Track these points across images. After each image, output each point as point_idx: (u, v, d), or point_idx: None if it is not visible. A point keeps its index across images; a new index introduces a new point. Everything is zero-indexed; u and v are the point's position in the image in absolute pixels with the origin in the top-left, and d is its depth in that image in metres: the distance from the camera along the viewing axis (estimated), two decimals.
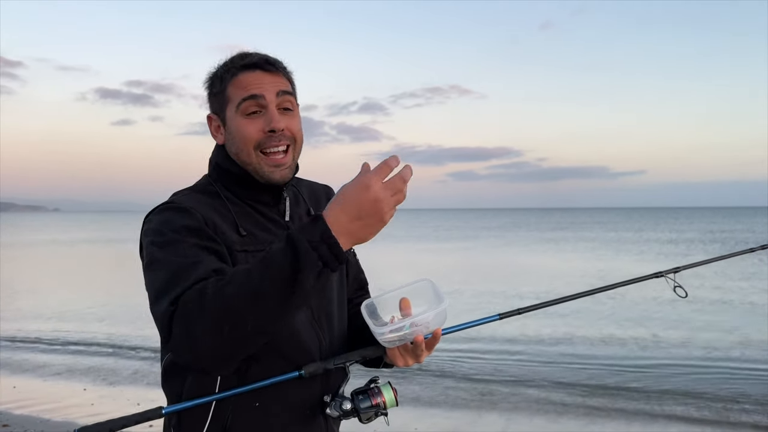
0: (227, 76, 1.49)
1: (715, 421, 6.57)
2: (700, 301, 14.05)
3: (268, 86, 1.47)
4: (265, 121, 1.46)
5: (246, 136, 1.46)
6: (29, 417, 6.65)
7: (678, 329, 11.31)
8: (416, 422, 6.40)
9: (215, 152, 1.56)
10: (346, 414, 1.42)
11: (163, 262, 1.30)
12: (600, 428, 6.36)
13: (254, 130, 1.45)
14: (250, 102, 1.46)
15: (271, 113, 1.46)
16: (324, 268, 1.14)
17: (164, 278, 1.27)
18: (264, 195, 1.53)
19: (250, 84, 1.46)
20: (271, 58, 1.51)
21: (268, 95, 1.46)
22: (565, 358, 9.32)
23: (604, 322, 12.05)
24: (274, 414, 1.42)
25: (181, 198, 1.48)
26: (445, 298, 1.32)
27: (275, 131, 1.45)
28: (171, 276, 1.26)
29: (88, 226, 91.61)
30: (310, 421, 1.46)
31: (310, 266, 1.13)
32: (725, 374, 8.29)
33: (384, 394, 1.42)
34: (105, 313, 13.76)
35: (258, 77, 1.47)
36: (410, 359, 1.43)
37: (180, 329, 1.18)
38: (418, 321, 1.31)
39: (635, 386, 7.80)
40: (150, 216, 1.44)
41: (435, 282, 1.39)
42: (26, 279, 22.04)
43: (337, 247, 1.14)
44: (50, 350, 10.52)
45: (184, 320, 1.18)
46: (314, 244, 1.13)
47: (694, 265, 2.00)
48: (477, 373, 8.61)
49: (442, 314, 1.33)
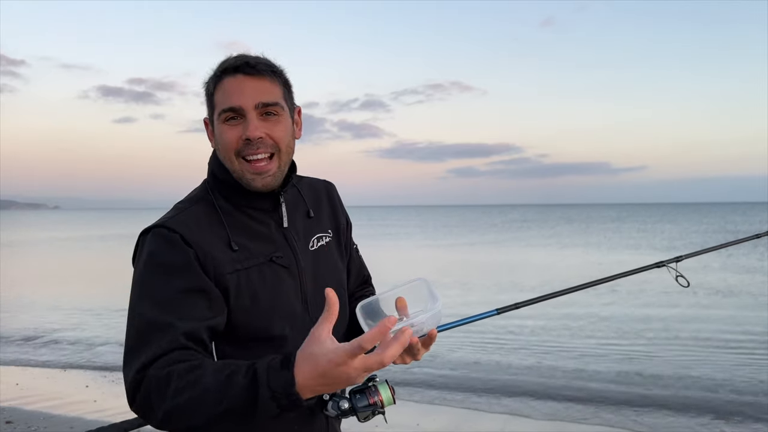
0: (214, 81, 1.49)
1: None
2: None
3: (249, 94, 1.44)
4: (243, 128, 1.44)
5: (226, 142, 1.45)
6: (32, 413, 6.68)
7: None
8: (420, 418, 6.44)
9: (212, 158, 1.56)
10: (344, 413, 1.43)
11: (139, 312, 1.36)
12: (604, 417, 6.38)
13: (233, 137, 1.45)
14: (229, 113, 1.45)
15: (248, 121, 1.44)
16: (280, 413, 1.19)
17: (135, 335, 1.34)
18: (259, 201, 1.52)
19: (231, 92, 1.44)
20: (253, 60, 1.46)
21: (247, 105, 1.44)
22: (568, 353, 9.35)
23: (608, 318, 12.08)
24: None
25: (176, 219, 1.46)
26: (440, 299, 1.34)
27: (251, 140, 1.44)
28: (142, 335, 1.32)
29: (89, 223, 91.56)
30: (311, 420, 1.49)
31: (266, 411, 1.18)
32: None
33: (381, 393, 1.43)
34: (107, 310, 13.82)
35: (239, 83, 1.44)
36: (408, 358, 1.45)
37: (140, 405, 1.28)
38: (414, 322, 1.32)
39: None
40: (142, 237, 1.45)
41: (430, 281, 1.41)
42: (27, 276, 22.08)
43: (298, 401, 1.16)
44: (52, 347, 10.54)
45: (145, 401, 1.27)
46: (276, 395, 1.16)
47: (696, 253, 1.97)
48: (479, 368, 8.64)
49: (437, 315, 1.34)
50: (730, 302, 13.87)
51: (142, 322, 1.34)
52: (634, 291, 14.73)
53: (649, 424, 6.34)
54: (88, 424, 6.31)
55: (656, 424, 6.31)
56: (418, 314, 1.36)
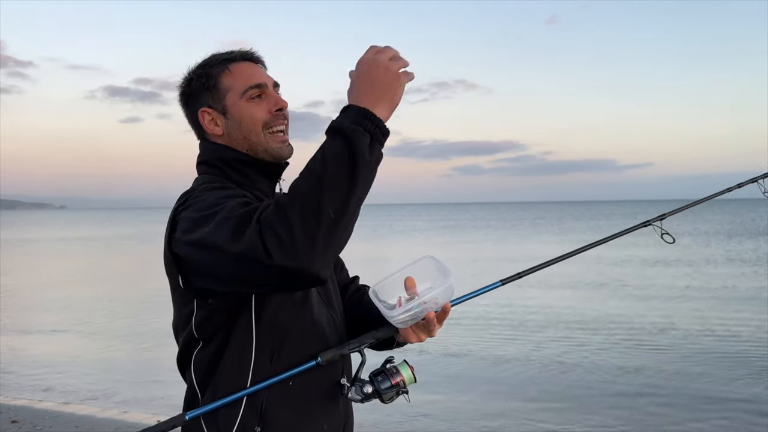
0: (218, 69, 1.58)
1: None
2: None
3: (265, 76, 1.60)
4: (269, 102, 1.57)
5: (255, 117, 1.55)
6: (38, 412, 6.70)
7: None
8: (426, 406, 6.44)
9: (210, 149, 1.59)
10: (367, 397, 1.45)
11: (228, 214, 1.28)
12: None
13: (262, 111, 1.55)
14: (255, 90, 1.56)
15: (275, 95, 1.59)
16: (372, 141, 1.25)
17: (237, 220, 1.25)
18: (262, 182, 1.57)
19: (250, 73, 1.58)
20: (251, 52, 1.63)
21: (269, 83, 1.59)
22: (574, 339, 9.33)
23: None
24: (304, 394, 1.46)
25: (209, 182, 1.50)
26: (452, 272, 1.35)
27: (282, 109, 1.57)
28: (240, 213, 1.26)
29: (98, 223, 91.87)
30: (333, 400, 1.52)
31: (360, 139, 1.23)
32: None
33: (402, 373, 1.45)
34: (112, 308, 13.88)
35: (251, 68, 1.60)
36: (423, 335, 1.48)
37: (273, 241, 1.18)
38: (427, 299, 1.34)
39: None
40: (189, 201, 1.42)
41: (437, 257, 1.42)
42: (31, 276, 22.16)
43: (375, 117, 1.27)
44: (56, 346, 10.59)
45: (272, 231, 1.18)
46: (356, 120, 1.26)
47: (679, 209, 2.05)
48: (486, 354, 8.64)
49: (450, 289, 1.36)
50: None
51: (233, 210, 1.27)
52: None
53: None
54: (94, 424, 6.33)
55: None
56: (429, 291, 1.38)
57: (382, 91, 1.31)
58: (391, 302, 1.43)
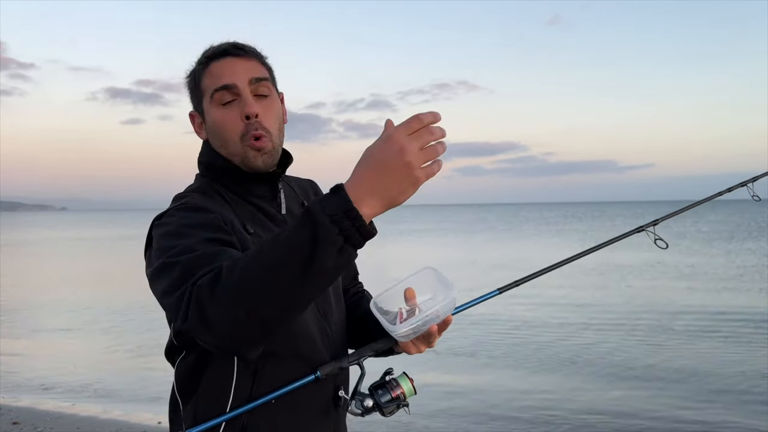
0: (199, 68, 1.47)
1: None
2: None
3: (240, 73, 1.43)
4: (240, 107, 1.42)
5: (226, 125, 1.42)
6: (39, 413, 6.70)
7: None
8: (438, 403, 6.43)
9: (205, 152, 1.52)
10: (368, 411, 1.42)
11: (179, 258, 1.24)
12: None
13: (233, 119, 1.42)
14: (223, 92, 1.42)
15: (244, 99, 1.42)
16: (345, 244, 1.04)
17: (180, 270, 1.20)
18: (259, 188, 1.50)
19: (222, 73, 1.43)
20: (240, 43, 1.47)
21: (240, 82, 1.42)
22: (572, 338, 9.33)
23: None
24: (290, 410, 1.41)
25: (191, 197, 1.44)
26: (453, 285, 1.32)
27: (249, 117, 1.41)
28: (188, 267, 1.20)
29: (101, 224, 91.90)
30: (323, 415, 1.47)
31: (330, 242, 1.03)
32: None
33: (402, 385, 1.43)
34: (115, 309, 13.87)
35: (229, 64, 1.44)
36: (423, 346, 1.44)
37: (196, 312, 1.10)
38: (429, 313, 1.32)
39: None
40: (163, 219, 1.38)
41: (438, 269, 1.39)
42: (33, 277, 22.16)
43: (360, 220, 1.03)
44: (57, 347, 10.60)
45: (199, 304, 1.10)
46: (335, 217, 1.03)
47: (673, 214, 2.02)
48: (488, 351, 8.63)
49: (452, 302, 1.33)
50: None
51: (187, 261, 1.21)
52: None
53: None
54: (96, 425, 6.33)
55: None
56: (428, 303, 1.36)
57: (385, 186, 1.05)
58: (392, 311, 1.41)
